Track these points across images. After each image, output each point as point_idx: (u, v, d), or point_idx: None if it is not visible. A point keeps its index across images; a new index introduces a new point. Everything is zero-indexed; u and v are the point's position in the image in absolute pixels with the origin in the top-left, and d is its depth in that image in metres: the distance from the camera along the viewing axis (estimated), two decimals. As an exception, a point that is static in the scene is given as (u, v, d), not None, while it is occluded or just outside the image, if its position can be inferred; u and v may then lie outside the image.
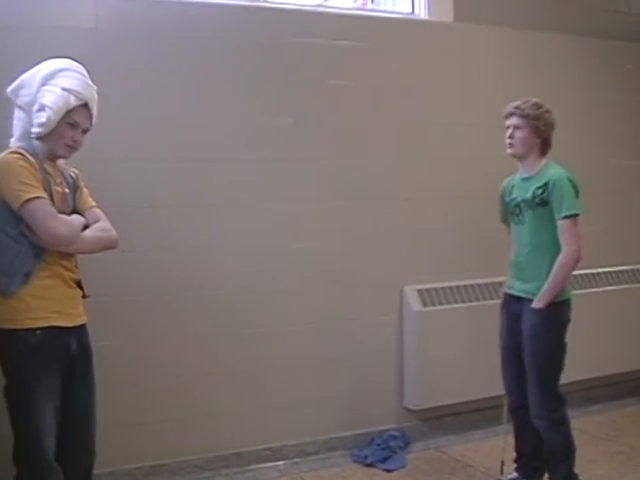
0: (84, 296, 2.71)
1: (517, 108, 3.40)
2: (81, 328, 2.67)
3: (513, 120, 3.41)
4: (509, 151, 3.45)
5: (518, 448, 3.62)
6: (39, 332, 2.48)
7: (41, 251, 2.51)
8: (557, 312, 3.33)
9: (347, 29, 4.19)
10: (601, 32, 5.05)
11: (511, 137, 3.42)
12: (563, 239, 3.28)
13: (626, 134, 5.21)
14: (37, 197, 2.46)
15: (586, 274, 4.87)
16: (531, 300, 3.35)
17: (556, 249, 3.31)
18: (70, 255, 2.62)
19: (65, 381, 2.58)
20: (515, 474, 3.62)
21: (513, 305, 3.50)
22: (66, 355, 2.58)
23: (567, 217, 3.26)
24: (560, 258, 3.28)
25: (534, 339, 3.35)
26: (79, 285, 2.68)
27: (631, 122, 5.23)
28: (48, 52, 2.70)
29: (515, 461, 3.64)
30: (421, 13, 4.59)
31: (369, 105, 4.23)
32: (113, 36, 3.59)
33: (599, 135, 5.08)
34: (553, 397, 3.36)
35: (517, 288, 3.47)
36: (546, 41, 4.82)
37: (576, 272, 4.47)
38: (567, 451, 3.38)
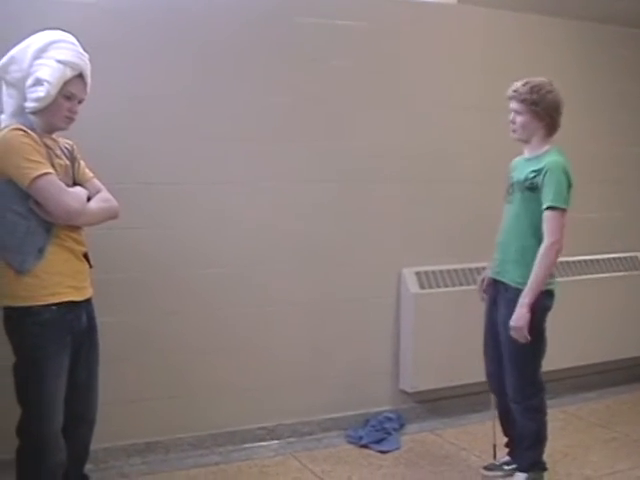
0: (90, 266, 2.71)
1: (515, 92, 3.29)
2: (89, 301, 2.69)
3: (513, 105, 3.31)
4: (512, 136, 3.36)
5: (506, 432, 3.61)
6: (54, 307, 2.49)
7: (51, 226, 2.50)
8: (535, 299, 3.18)
9: (350, 9, 4.15)
10: (600, 17, 4.98)
11: (513, 122, 3.33)
12: (545, 229, 3.17)
13: (625, 120, 5.17)
14: (46, 173, 2.44)
15: (584, 260, 4.87)
16: (504, 284, 3.33)
17: (535, 237, 3.22)
18: (78, 228, 2.62)
19: (73, 354, 2.60)
20: (507, 458, 3.62)
21: (490, 288, 3.48)
22: (78, 328, 2.60)
23: (552, 208, 3.15)
24: (540, 249, 3.17)
25: (508, 325, 3.22)
26: (86, 257, 2.67)
27: (630, 108, 5.19)
28: (49, 27, 2.66)
29: (506, 445, 3.64)
30: (424, -6, 4.55)
31: (369, 86, 4.20)
32: (114, 11, 3.55)
33: (598, 121, 5.04)
34: (530, 384, 3.32)
35: (493, 270, 3.44)
36: (548, 24, 4.78)
37: (573, 258, 4.51)
38: (537, 439, 3.35)
